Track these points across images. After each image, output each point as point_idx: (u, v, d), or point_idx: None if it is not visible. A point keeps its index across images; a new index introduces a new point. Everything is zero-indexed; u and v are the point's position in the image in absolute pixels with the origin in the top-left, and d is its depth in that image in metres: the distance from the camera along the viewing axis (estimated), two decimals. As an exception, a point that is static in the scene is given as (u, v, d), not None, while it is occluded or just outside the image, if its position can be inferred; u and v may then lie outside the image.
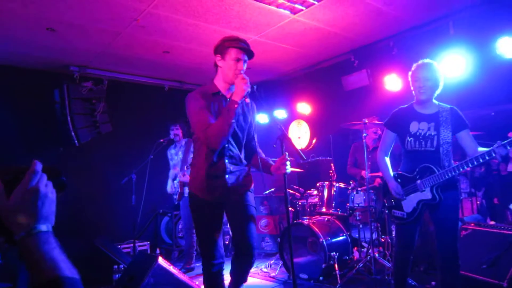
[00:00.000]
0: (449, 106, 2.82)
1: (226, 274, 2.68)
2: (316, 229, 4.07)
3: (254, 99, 2.62)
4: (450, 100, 4.97)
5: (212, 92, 2.48)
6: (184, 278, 2.85)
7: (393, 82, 4.96)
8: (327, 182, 4.47)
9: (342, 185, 4.44)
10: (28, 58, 5.17)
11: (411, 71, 2.85)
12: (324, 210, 4.40)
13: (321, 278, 3.94)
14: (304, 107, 6.27)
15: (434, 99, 2.83)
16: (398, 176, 2.91)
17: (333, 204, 4.38)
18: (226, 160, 2.45)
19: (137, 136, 6.04)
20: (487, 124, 5.40)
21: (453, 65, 4.35)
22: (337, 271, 3.85)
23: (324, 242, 3.94)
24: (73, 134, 5.18)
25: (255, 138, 2.70)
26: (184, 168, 4.66)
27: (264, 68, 6.00)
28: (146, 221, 5.96)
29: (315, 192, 4.80)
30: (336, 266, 3.89)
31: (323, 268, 3.89)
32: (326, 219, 4.41)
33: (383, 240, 4.28)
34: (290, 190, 5.15)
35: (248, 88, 2.30)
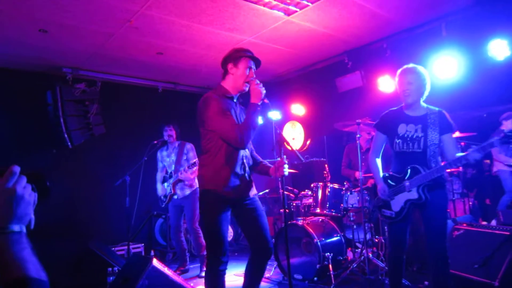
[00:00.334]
0: (437, 109, 2.86)
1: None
2: (310, 229, 4.08)
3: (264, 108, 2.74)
4: (443, 101, 5.01)
5: (225, 96, 2.64)
6: (179, 280, 2.84)
7: (386, 84, 5.00)
8: (321, 183, 4.49)
9: (336, 186, 4.46)
10: (20, 60, 5.13)
11: (397, 76, 2.92)
12: (318, 211, 4.42)
13: (315, 279, 3.95)
14: (298, 109, 6.29)
15: (422, 102, 2.89)
16: (388, 176, 2.97)
17: (327, 205, 4.39)
18: (244, 160, 2.63)
19: (130, 137, 6.02)
20: (479, 125, 5.46)
21: (445, 67, 4.39)
22: (331, 272, 3.86)
23: (319, 243, 3.95)
24: (66, 136, 5.15)
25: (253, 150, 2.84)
26: (180, 170, 4.65)
27: (258, 69, 5.99)
28: (140, 223, 5.94)
29: (310, 193, 4.81)
30: (330, 266, 3.90)
31: (317, 268, 3.90)
32: (320, 219, 4.42)
33: (377, 240, 4.30)
34: (284, 191, 5.15)
35: (264, 90, 2.53)
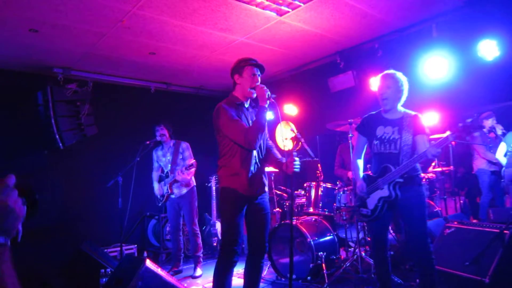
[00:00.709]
0: (414, 112, 3.00)
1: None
2: (303, 229, 4.09)
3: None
4: (434, 101, 5.09)
5: (237, 103, 2.89)
6: (172, 281, 2.83)
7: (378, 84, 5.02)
8: (314, 183, 4.51)
9: (329, 185, 4.49)
10: (10, 60, 5.07)
11: (377, 80, 3.07)
12: (311, 210, 4.44)
13: (308, 278, 3.97)
14: (291, 109, 6.30)
15: (400, 106, 3.03)
16: (366, 176, 3.11)
17: (320, 204, 4.42)
18: (257, 160, 2.86)
19: (123, 138, 5.98)
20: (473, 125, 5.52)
21: (436, 67, 4.44)
22: (324, 271, 3.88)
23: (312, 242, 3.97)
24: (57, 137, 5.09)
25: (268, 143, 3.06)
26: (176, 169, 4.65)
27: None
28: (133, 224, 5.91)
29: (303, 192, 4.83)
30: (323, 265, 3.92)
31: (310, 267, 3.92)
32: (314, 219, 4.44)
33: (369, 239, 4.33)
34: (277, 191, 5.17)
35: (268, 92, 2.73)
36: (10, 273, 0.88)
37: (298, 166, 2.71)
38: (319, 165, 4.80)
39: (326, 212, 4.41)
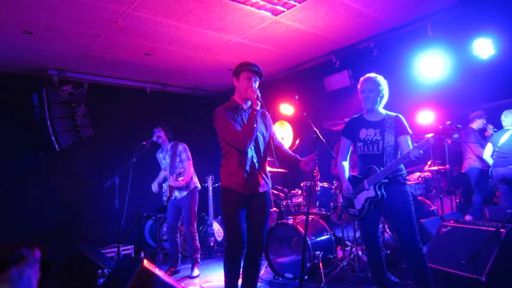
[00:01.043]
0: (394, 114, 3.07)
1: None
2: (300, 228, 4.10)
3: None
4: (429, 100, 5.11)
5: (234, 106, 2.99)
6: (170, 281, 2.83)
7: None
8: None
9: (325, 184, 4.49)
10: (5, 62, 5.05)
11: (359, 84, 3.13)
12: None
13: (306, 277, 3.98)
14: (286, 108, 6.30)
15: (381, 107, 3.11)
16: (352, 177, 3.18)
17: (317, 203, 4.42)
18: (255, 160, 2.94)
19: (119, 139, 5.98)
20: (464, 123, 5.55)
21: (431, 65, 4.45)
22: (321, 270, 3.89)
23: (309, 241, 3.98)
24: (53, 139, 5.08)
25: (275, 136, 3.20)
26: (173, 172, 4.65)
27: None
28: (129, 224, 5.90)
29: (299, 192, 4.84)
30: (320, 265, 3.93)
31: (308, 267, 3.93)
32: (310, 218, 4.45)
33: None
34: (274, 191, 5.18)
35: (256, 93, 2.82)
36: None
37: (317, 163, 2.91)
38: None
39: (323, 212, 4.42)
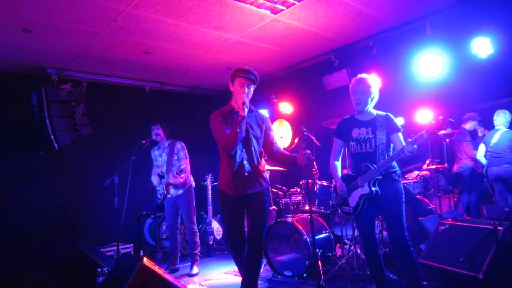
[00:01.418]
0: (384, 113, 3.14)
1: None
2: (299, 226, 4.11)
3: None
4: (428, 99, 5.11)
5: (228, 110, 3.11)
6: (170, 279, 2.84)
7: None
8: (310, 180, 4.52)
9: (324, 183, 4.50)
10: (3, 60, 5.04)
11: (350, 85, 3.20)
12: (307, 208, 4.45)
13: (305, 275, 3.99)
14: (285, 107, 6.31)
15: (371, 108, 3.18)
16: (344, 176, 3.25)
17: (316, 201, 4.44)
18: (245, 162, 3.03)
19: (118, 137, 5.97)
20: (458, 124, 5.57)
21: (430, 64, 4.46)
22: (320, 268, 3.89)
23: (308, 240, 3.99)
24: (52, 138, 5.08)
25: (274, 141, 3.24)
26: (171, 170, 4.66)
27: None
28: (129, 223, 5.91)
29: (299, 190, 4.84)
30: (319, 262, 3.93)
31: (306, 265, 3.94)
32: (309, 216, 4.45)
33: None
34: (273, 189, 5.19)
35: (243, 100, 2.94)
36: None
37: (309, 156, 2.99)
38: (314, 162, 4.82)
39: (322, 210, 4.43)
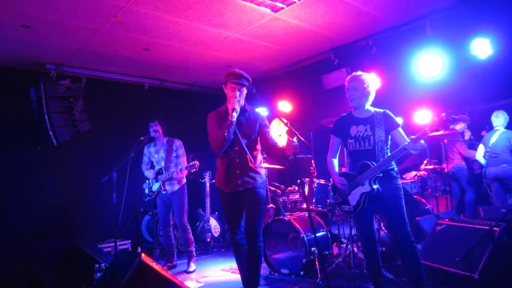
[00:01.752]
0: (382, 110, 3.13)
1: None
2: (297, 225, 4.12)
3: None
4: (427, 99, 5.12)
5: (224, 110, 3.25)
6: (167, 275, 2.85)
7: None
8: (307, 179, 4.53)
9: (322, 181, 4.51)
10: (2, 56, 5.03)
11: (345, 82, 3.19)
12: (304, 206, 4.46)
13: (301, 273, 4.00)
14: (284, 105, 6.31)
15: (368, 105, 3.16)
16: (342, 174, 3.22)
17: (313, 200, 4.45)
18: (237, 160, 3.16)
19: (117, 134, 5.97)
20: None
21: (429, 65, 4.46)
22: (317, 266, 3.92)
23: (305, 238, 4.00)
24: (50, 133, 5.07)
25: (270, 137, 3.30)
26: (170, 166, 4.67)
27: (244, 66, 6.01)
28: (127, 219, 5.91)
29: (296, 188, 4.85)
30: (316, 261, 3.95)
31: (303, 263, 3.95)
32: (307, 215, 4.47)
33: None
34: (271, 187, 5.20)
35: (233, 106, 3.08)
36: None
37: (297, 146, 3.10)
38: (312, 161, 4.83)
39: (320, 208, 4.44)
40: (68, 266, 3.87)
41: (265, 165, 4.28)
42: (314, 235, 2.83)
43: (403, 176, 5.28)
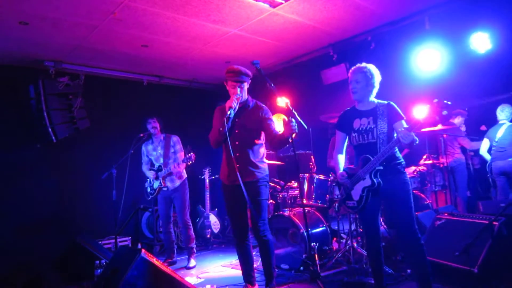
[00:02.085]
0: (386, 101, 3.06)
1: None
2: (296, 220, 4.13)
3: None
4: (426, 93, 5.11)
5: (227, 106, 3.27)
6: (168, 271, 2.86)
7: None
8: (307, 175, 4.54)
9: (322, 177, 4.52)
10: (1, 53, 5.01)
11: (348, 74, 3.14)
12: (304, 202, 4.47)
13: (301, 268, 4.02)
14: (283, 101, 6.29)
15: (372, 97, 3.08)
16: (347, 169, 3.15)
17: (313, 196, 4.45)
18: (237, 154, 3.24)
19: (116, 131, 5.97)
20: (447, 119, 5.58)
21: (428, 59, 4.46)
22: (317, 261, 3.93)
23: (305, 233, 4.01)
24: (50, 130, 5.07)
25: (273, 128, 3.35)
26: (168, 162, 4.68)
27: (243, 62, 5.96)
28: (127, 216, 5.92)
29: (296, 184, 4.86)
30: (316, 256, 3.96)
31: (303, 258, 3.97)
32: (306, 210, 4.48)
33: (361, 230, 4.37)
34: (271, 183, 5.20)
35: (230, 104, 3.16)
36: None
37: (295, 125, 3.08)
38: (312, 157, 4.83)
39: (319, 204, 4.45)
40: (68, 262, 3.88)
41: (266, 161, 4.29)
42: (306, 230, 2.79)
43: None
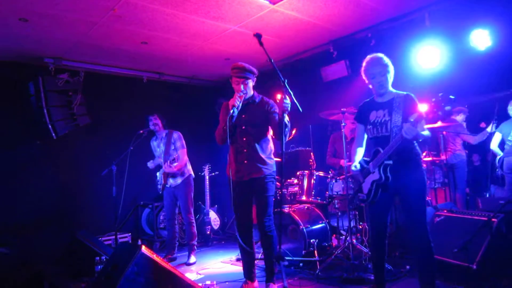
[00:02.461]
0: (405, 92, 2.93)
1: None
2: (296, 217, 4.15)
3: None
4: (426, 90, 5.11)
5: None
6: (168, 267, 2.87)
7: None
8: (307, 171, 4.55)
9: (321, 174, 4.52)
10: (0, 50, 5.01)
11: (362, 68, 2.99)
12: (304, 198, 4.48)
13: (301, 264, 4.04)
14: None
15: (390, 87, 2.97)
16: (362, 161, 3.05)
17: (312, 192, 4.46)
18: (245, 150, 3.28)
19: (116, 127, 5.98)
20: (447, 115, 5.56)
21: (428, 56, 4.45)
22: (316, 257, 3.95)
23: (304, 230, 4.03)
24: (50, 127, 5.08)
25: (276, 120, 3.30)
26: (168, 160, 4.68)
27: (243, 59, 5.95)
28: (127, 212, 5.94)
29: (295, 181, 4.87)
30: (315, 252, 3.98)
31: (303, 254, 3.98)
32: (306, 207, 4.49)
33: (360, 227, 4.39)
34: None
35: (235, 102, 3.16)
36: None
37: (288, 103, 3.12)
38: (311, 154, 4.84)
39: (319, 200, 4.46)
40: (69, 258, 3.89)
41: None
42: (280, 223, 2.76)
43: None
